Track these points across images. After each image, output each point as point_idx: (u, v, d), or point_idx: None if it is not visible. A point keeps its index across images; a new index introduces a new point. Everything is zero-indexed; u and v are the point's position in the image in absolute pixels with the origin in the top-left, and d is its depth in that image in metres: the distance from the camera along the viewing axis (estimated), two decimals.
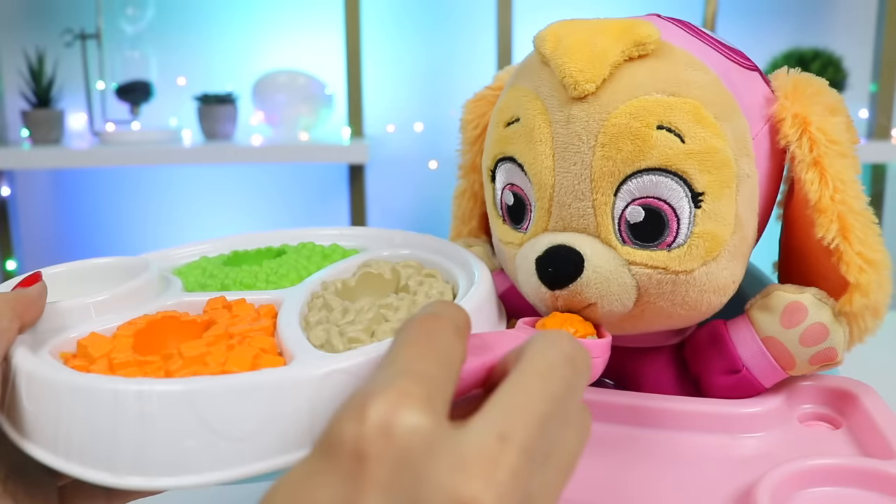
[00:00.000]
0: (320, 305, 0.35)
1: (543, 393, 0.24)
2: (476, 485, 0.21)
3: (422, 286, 0.37)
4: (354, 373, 0.28)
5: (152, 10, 1.59)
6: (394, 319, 0.33)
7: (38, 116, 1.52)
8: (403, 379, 0.22)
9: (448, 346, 0.25)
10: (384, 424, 0.21)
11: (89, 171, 1.74)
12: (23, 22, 1.68)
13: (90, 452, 0.27)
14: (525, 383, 0.24)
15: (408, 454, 0.21)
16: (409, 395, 0.22)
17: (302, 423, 0.27)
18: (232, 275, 0.40)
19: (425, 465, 0.21)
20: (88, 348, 0.32)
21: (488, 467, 0.21)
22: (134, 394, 0.26)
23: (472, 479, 0.21)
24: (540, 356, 0.25)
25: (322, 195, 1.77)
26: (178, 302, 0.37)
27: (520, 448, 0.22)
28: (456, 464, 0.21)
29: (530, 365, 0.24)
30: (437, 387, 0.23)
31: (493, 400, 0.23)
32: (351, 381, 0.28)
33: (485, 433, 0.22)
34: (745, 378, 0.38)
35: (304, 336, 0.32)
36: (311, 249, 0.44)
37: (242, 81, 1.65)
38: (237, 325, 0.33)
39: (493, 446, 0.21)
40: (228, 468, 0.27)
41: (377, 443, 0.21)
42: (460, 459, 0.21)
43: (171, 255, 0.45)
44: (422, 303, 0.35)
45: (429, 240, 0.43)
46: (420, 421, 0.21)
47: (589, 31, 0.35)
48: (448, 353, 0.25)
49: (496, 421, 0.22)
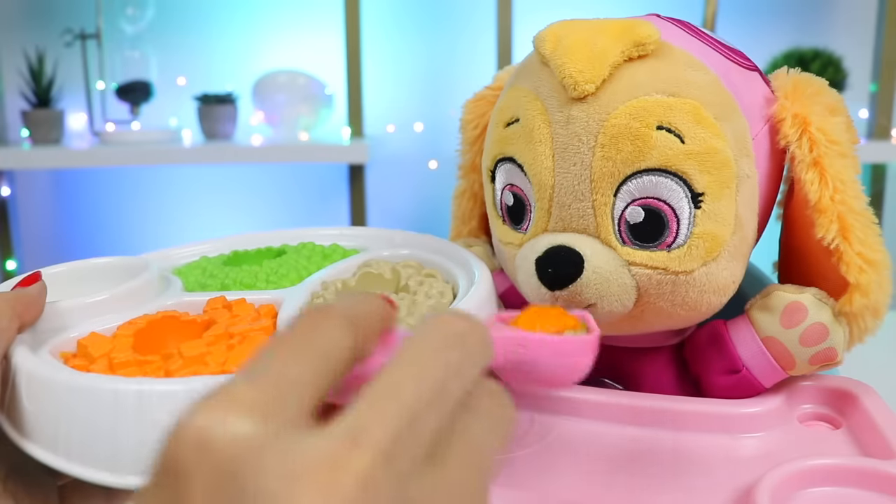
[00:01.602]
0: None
1: (416, 382, 0.20)
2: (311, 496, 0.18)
3: (422, 286, 0.37)
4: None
5: (152, 10, 1.59)
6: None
7: (38, 116, 1.52)
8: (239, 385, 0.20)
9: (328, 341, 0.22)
10: (201, 436, 0.19)
11: (89, 171, 1.74)
12: (23, 22, 1.68)
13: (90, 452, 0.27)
14: (392, 374, 0.20)
15: (230, 466, 0.18)
16: (237, 400, 0.19)
17: None
18: (232, 275, 0.40)
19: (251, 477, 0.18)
20: (88, 348, 0.32)
21: (330, 475, 0.18)
22: (134, 394, 0.26)
23: (307, 490, 0.18)
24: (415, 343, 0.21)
25: (322, 195, 1.77)
26: (178, 302, 0.37)
27: (375, 450, 0.18)
28: (289, 472, 0.18)
29: (402, 353, 0.21)
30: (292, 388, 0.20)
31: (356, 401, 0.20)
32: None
33: (334, 436, 0.19)
34: (745, 378, 0.38)
35: None
36: (312, 249, 0.44)
37: (242, 81, 1.65)
38: (237, 325, 0.33)
39: (339, 450, 0.18)
40: None
41: (194, 456, 0.19)
42: (295, 468, 0.18)
43: (171, 254, 0.45)
44: (422, 302, 0.35)
45: (429, 240, 0.43)
46: (245, 428, 0.19)
47: (589, 32, 0.35)
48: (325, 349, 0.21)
49: (351, 423, 0.19)
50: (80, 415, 0.27)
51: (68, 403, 0.28)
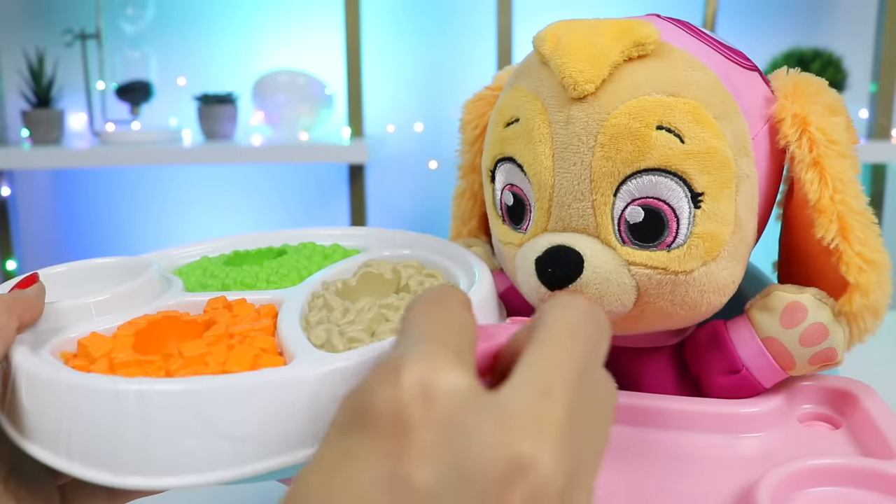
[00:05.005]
0: (321, 305, 0.35)
1: (574, 350, 0.22)
2: (529, 441, 0.20)
3: (422, 286, 0.37)
4: (354, 372, 0.28)
5: (152, 10, 1.59)
6: (394, 319, 0.33)
7: (38, 116, 1.53)
8: (430, 343, 0.21)
9: (461, 317, 0.24)
10: (423, 387, 0.20)
11: (89, 171, 1.74)
12: (23, 22, 1.68)
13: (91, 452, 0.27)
14: (555, 341, 0.22)
15: (451, 416, 0.20)
16: (441, 356, 0.21)
17: (303, 422, 0.27)
18: (233, 275, 0.40)
19: (471, 426, 0.20)
20: (89, 348, 0.32)
21: (538, 423, 0.20)
22: (135, 393, 0.26)
23: (523, 437, 0.20)
24: (564, 315, 0.24)
25: (322, 195, 1.77)
26: (179, 302, 0.37)
27: (564, 404, 0.21)
28: (503, 422, 0.20)
29: (555, 324, 0.23)
30: (463, 352, 0.22)
31: (526, 361, 0.22)
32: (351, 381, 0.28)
33: (527, 390, 0.21)
34: (745, 378, 0.38)
35: (304, 336, 0.32)
36: (312, 249, 0.44)
37: (242, 81, 1.65)
38: (238, 325, 0.33)
39: (538, 401, 0.20)
40: (229, 467, 0.27)
41: (418, 407, 0.20)
42: (507, 417, 0.20)
43: (172, 254, 0.45)
44: None
45: (430, 240, 0.43)
46: (458, 381, 0.20)
47: (588, 32, 0.35)
48: (462, 323, 0.24)
49: (535, 378, 0.21)
50: (81, 415, 0.27)
51: (69, 403, 0.28)
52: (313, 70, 1.62)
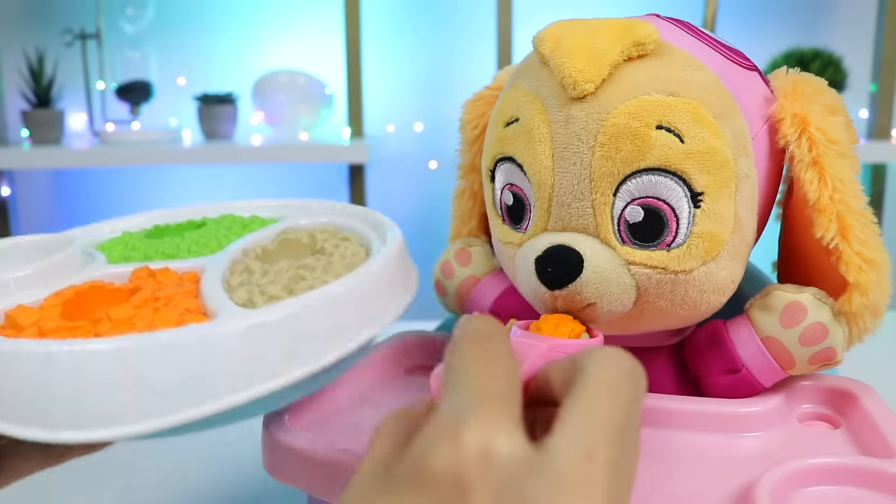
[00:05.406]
0: (241, 269, 0.36)
1: (615, 407, 0.23)
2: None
3: (337, 248, 0.37)
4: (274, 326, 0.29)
5: (152, 10, 1.59)
6: (310, 278, 0.34)
7: (38, 116, 1.53)
8: (488, 402, 0.22)
9: (507, 359, 0.25)
10: (483, 450, 0.21)
11: (89, 171, 1.74)
12: (23, 22, 1.68)
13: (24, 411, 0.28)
14: (597, 398, 0.23)
15: (508, 480, 0.21)
16: (500, 417, 0.22)
17: (226, 374, 0.28)
18: (154, 246, 0.41)
19: (526, 491, 0.21)
20: (17, 319, 0.32)
21: (586, 487, 0.21)
22: (66, 354, 0.27)
23: (573, 500, 0.21)
24: (604, 371, 0.24)
25: (322, 195, 1.77)
26: (104, 273, 0.37)
27: (607, 464, 0.22)
28: (554, 485, 0.21)
29: (596, 380, 0.24)
30: (514, 406, 0.23)
31: (568, 416, 0.23)
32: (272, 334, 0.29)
33: (573, 452, 0.22)
34: (745, 378, 0.38)
35: (226, 296, 0.33)
36: (232, 220, 0.45)
37: (242, 81, 1.65)
38: (163, 290, 0.34)
39: (583, 465, 0.21)
40: (159, 418, 0.27)
41: (478, 469, 0.20)
42: (557, 480, 0.21)
43: (93, 231, 0.46)
44: (338, 263, 0.35)
45: (346, 207, 0.44)
46: (516, 444, 0.21)
47: (588, 32, 0.35)
48: (511, 370, 0.24)
49: (580, 438, 0.22)
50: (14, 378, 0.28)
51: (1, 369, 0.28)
52: (313, 70, 1.62)
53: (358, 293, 0.32)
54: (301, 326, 0.29)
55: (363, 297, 0.32)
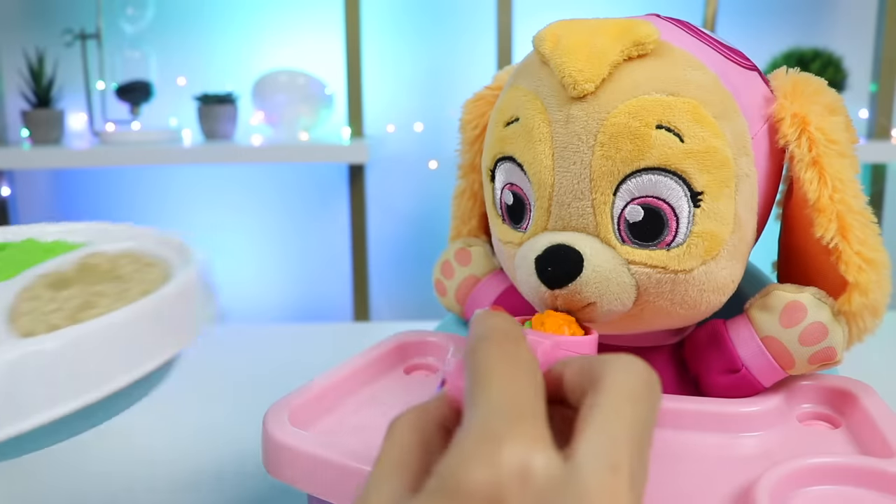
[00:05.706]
0: (30, 297, 0.36)
1: (636, 418, 0.24)
2: None
3: (137, 274, 0.37)
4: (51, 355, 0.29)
5: (152, 10, 1.59)
6: (101, 305, 0.34)
7: (38, 116, 1.53)
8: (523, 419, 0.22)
9: (534, 368, 0.25)
10: (522, 469, 0.21)
11: (89, 171, 1.74)
12: (23, 22, 1.68)
13: None
14: (619, 409, 0.24)
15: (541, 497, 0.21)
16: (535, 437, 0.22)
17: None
18: None
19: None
20: None
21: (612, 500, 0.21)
22: None
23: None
24: (625, 381, 0.25)
25: (322, 195, 1.77)
26: None
27: (629, 476, 0.22)
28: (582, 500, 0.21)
29: (618, 390, 0.24)
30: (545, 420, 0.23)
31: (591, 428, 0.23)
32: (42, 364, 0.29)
33: (598, 465, 0.22)
34: (745, 377, 0.38)
35: (7, 328, 0.32)
36: (33, 245, 0.44)
37: (242, 81, 1.65)
38: None
39: (609, 479, 0.22)
40: None
41: (515, 489, 0.21)
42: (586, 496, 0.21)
43: None
44: (135, 290, 0.35)
45: (154, 232, 0.43)
46: (551, 462, 0.21)
47: (588, 31, 0.35)
48: (536, 378, 0.25)
49: (604, 452, 0.22)
50: None
51: None
52: (313, 70, 1.62)
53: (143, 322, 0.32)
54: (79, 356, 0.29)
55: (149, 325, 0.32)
